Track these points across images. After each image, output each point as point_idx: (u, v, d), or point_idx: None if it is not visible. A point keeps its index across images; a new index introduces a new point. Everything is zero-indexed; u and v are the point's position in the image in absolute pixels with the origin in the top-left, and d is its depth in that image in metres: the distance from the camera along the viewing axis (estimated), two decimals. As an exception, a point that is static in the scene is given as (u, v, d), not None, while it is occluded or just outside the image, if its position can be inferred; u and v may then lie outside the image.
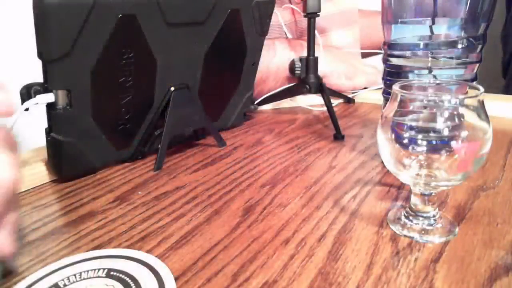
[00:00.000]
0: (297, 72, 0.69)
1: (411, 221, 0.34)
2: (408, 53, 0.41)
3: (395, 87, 0.32)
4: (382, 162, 0.46)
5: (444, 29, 0.39)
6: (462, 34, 0.39)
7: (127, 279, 0.28)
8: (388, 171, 0.43)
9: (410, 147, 0.31)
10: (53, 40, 0.38)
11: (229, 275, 0.29)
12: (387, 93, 0.45)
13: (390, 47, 0.43)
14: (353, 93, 0.81)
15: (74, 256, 0.31)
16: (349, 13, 0.87)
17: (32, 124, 0.45)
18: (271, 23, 0.60)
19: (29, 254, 0.32)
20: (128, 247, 0.33)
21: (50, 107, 0.42)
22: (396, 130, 0.32)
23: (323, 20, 0.65)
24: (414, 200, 0.34)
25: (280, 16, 0.80)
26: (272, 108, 0.76)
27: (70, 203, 0.41)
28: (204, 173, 0.47)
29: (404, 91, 0.31)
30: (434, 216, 0.33)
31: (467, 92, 0.33)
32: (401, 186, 0.42)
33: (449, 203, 0.38)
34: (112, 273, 0.29)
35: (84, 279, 0.28)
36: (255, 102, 0.73)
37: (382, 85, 0.47)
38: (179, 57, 0.50)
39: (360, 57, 0.92)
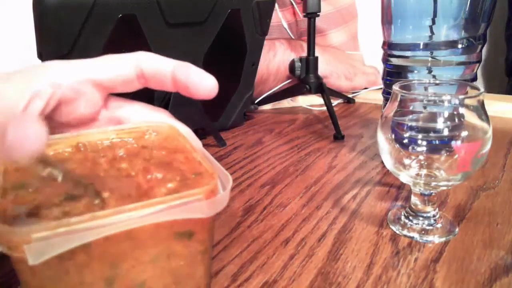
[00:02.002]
0: (297, 72, 0.69)
1: (411, 221, 0.34)
2: (408, 53, 0.41)
3: (395, 87, 0.32)
4: (382, 162, 0.46)
5: (444, 29, 0.39)
6: (462, 34, 0.39)
7: None
8: (388, 171, 0.43)
9: (410, 147, 0.31)
10: (53, 40, 0.38)
11: (229, 275, 0.29)
12: (387, 93, 0.45)
13: (390, 47, 0.43)
14: (353, 93, 0.81)
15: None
16: (346, 10, 0.87)
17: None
18: (271, 23, 0.60)
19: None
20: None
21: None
22: (396, 130, 0.32)
23: (320, 20, 0.65)
24: (414, 200, 0.34)
25: (282, 16, 0.80)
26: (272, 108, 0.76)
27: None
28: (204, 173, 0.47)
29: (404, 91, 0.31)
30: (434, 216, 0.33)
31: (467, 92, 0.33)
32: (401, 186, 0.42)
33: (449, 203, 0.38)
34: None
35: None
36: (255, 102, 0.73)
37: (382, 85, 0.47)
38: (179, 57, 0.49)
39: (361, 56, 0.92)
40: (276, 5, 0.78)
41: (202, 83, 0.27)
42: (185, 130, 0.28)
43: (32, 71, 0.26)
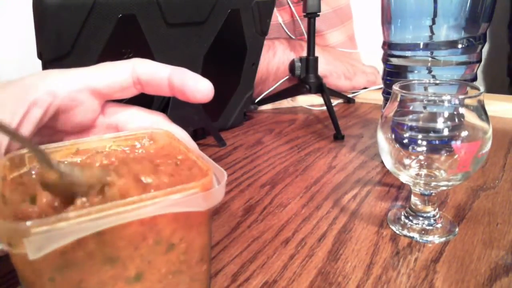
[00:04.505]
0: (297, 72, 0.69)
1: (411, 221, 0.34)
2: (408, 53, 0.41)
3: (395, 87, 0.32)
4: (382, 162, 0.46)
5: (444, 29, 0.39)
6: (462, 34, 0.39)
7: None
8: (388, 171, 0.43)
9: (410, 147, 0.31)
10: (53, 40, 0.38)
11: (229, 275, 0.29)
12: (387, 93, 0.45)
13: (390, 47, 0.43)
14: (353, 93, 0.81)
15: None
16: (342, 11, 0.87)
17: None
18: (271, 23, 0.60)
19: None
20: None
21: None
22: (396, 130, 0.32)
23: (318, 20, 0.66)
24: (414, 200, 0.34)
25: (279, 16, 0.80)
26: (272, 108, 0.76)
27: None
28: (204, 173, 0.47)
29: (404, 91, 0.31)
30: (434, 216, 0.33)
31: (467, 92, 0.33)
32: (401, 186, 0.42)
33: (449, 203, 0.38)
34: None
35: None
36: (255, 102, 0.73)
37: (382, 85, 0.47)
38: (179, 57, 0.50)
39: (359, 55, 0.92)
40: None
41: (198, 87, 0.27)
42: (181, 134, 0.29)
43: (30, 80, 0.26)
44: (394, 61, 0.43)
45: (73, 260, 0.18)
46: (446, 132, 0.30)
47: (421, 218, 0.33)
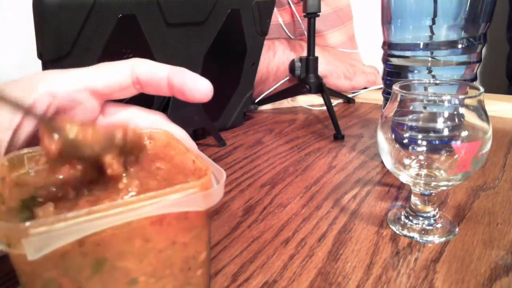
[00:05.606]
0: (297, 72, 0.69)
1: (411, 221, 0.34)
2: (408, 53, 0.41)
3: (395, 87, 0.32)
4: (382, 162, 0.46)
5: (444, 29, 0.39)
6: (462, 34, 0.39)
7: None
8: (388, 171, 0.43)
9: (410, 147, 0.31)
10: (53, 40, 0.38)
11: (229, 275, 0.29)
12: (387, 93, 0.45)
13: (390, 47, 0.43)
14: (353, 93, 0.81)
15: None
16: (342, 11, 0.87)
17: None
18: (271, 23, 0.60)
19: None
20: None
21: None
22: (396, 130, 0.32)
23: (318, 21, 0.66)
24: (414, 200, 0.34)
25: (279, 16, 0.81)
26: (272, 108, 0.76)
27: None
28: (204, 173, 0.47)
29: (404, 91, 0.31)
30: (434, 216, 0.33)
31: (467, 92, 0.33)
32: (401, 186, 0.42)
33: (449, 203, 0.38)
34: None
35: None
36: (255, 102, 0.73)
37: (382, 85, 0.47)
38: (179, 57, 0.50)
39: (359, 55, 0.92)
40: None
41: (197, 87, 0.27)
42: (180, 134, 0.29)
43: (29, 81, 0.26)
44: (394, 61, 0.43)
45: (72, 261, 0.18)
46: (446, 132, 0.30)
47: (421, 218, 0.33)
